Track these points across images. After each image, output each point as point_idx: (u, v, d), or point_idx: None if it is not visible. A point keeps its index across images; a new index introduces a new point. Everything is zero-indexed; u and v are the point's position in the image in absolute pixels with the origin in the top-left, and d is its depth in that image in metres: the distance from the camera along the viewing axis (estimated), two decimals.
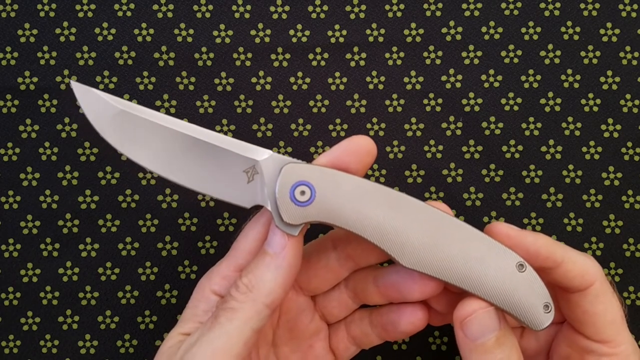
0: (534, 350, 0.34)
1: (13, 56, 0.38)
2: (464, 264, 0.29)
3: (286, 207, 0.29)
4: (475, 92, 0.39)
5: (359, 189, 0.29)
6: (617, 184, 0.38)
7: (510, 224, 0.31)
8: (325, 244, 0.34)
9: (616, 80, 0.38)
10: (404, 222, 0.29)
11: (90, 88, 0.30)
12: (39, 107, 0.38)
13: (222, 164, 0.30)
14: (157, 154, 0.30)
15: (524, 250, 0.30)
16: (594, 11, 0.38)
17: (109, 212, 0.38)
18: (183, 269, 0.38)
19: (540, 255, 0.30)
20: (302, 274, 0.34)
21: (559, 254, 0.30)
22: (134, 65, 0.38)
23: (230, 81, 0.39)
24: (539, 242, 0.30)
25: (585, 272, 0.30)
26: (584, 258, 0.31)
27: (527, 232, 0.31)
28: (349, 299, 0.34)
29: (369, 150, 0.30)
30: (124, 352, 0.38)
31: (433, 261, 0.29)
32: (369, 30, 0.39)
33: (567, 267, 0.30)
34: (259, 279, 0.29)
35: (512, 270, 0.29)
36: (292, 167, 0.29)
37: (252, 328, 0.29)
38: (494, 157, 0.39)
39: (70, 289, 0.38)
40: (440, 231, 0.29)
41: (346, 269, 0.33)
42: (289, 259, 0.29)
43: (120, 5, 0.38)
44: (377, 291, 0.33)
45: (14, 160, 0.38)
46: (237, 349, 0.28)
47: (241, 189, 0.30)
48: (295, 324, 0.34)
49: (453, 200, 0.38)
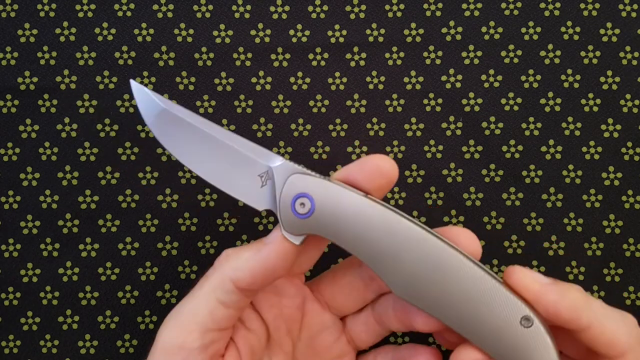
0: None
1: (13, 56, 0.38)
2: (461, 307, 0.27)
3: (287, 216, 0.29)
4: (475, 92, 0.39)
5: (359, 208, 0.28)
6: (617, 184, 0.38)
7: (535, 272, 0.28)
8: (352, 261, 0.33)
9: (616, 80, 0.38)
10: (399, 250, 0.28)
11: (142, 87, 0.32)
12: (39, 107, 0.38)
13: (240, 166, 0.31)
14: (189, 150, 0.32)
15: (543, 309, 0.27)
16: (594, 11, 0.38)
17: (109, 212, 0.38)
18: (183, 269, 0.38)
19: (561, 318, 0.27)
20: (327, 288, 0.33)
21: (585, 318, 0.27)
22: (133, 65, 0.38)
23: (230, 81, 0.39)
24: (562, 304, 0.27)
25: (615, 342, 0.27)
26: (615, 325, 0.27)
27: (550, 288, 0.27)
28: (375, 324, 0.33)
29: (384, 173, 0.29)
30: (124, 352, 0.38)
31: (426, 296, 0.28)
32: (369, 30, 0.39)
33: (593, 334, 0.27)
34: (237, 254, 0.30)
35: (516, 324, 0.26)
36: (297, 178, 0.29)
37: (217, 298, 0.29)
38: (494, 157, 0.39)
39: (70, 289, 0.38)
40: (439, 266, 0.27)
41: (371, 291, 0.33)
42: (270, 252, 0.29)
43: (120, 5, 0.38)
44: (394, 315, 0.32)
45: (14, 160, 0.38)
46: (201, 315, 0.29)
47: (255, 191, 0.31)
48: (318, 342, 0.33)
49: (453, 201, 0.38)
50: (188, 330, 0.29)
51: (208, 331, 0.29)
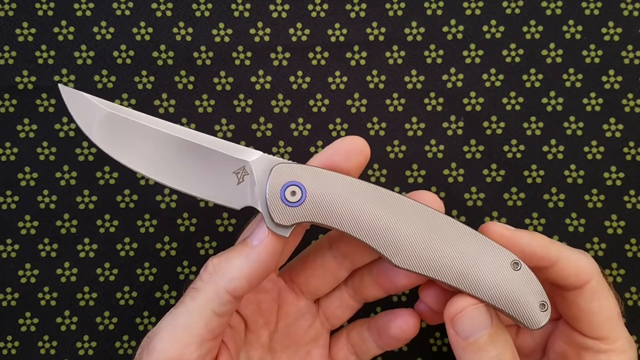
0: (530, 348, 0.34)
1: (11, 55, 0.38)
2: (458, 263, 0.29)
3: (277, 207, 0.29)
4: (476, 91, 0.38)
5: (350, 188, 0.29)
6: (619, 184, 0.38)
7: (504, 224, 0.31)
8: (322, 243, 0.34)
9: (618, 80, 0.38)
10: (395, 221, 0.29)
11: (78, 91, 0.29)
12: (37, 107, 0.38)
13: (211, 165, 0.29)
14: (147, 156, 0.29)
15: (519, 250, 0.30)
16: (595, 10, 0.38)
17: (108, 213, 0.38)
18: (182, 269, 0.38)
19: (536, 255, 0.30)
20: (300, 274, 0.34)
21: (554, 253, 0.30)
22: (132, 64, 0.38)
23: (229, 80, 0.38)
24: (534, 242, 0.30)
25: (581, 270, 0.30)
26: (579, 256, 0.30)
27: (522, 232, 0.30)
28: (349, 298, 0.34)
29: (361, 150, 0.30)
30: (122, 353, 0.38)
31: (426, 260, 0.29)
32: (370, 29, 0.38)
33: (562, 266, 0.30)
34: (227, 263, 0.29)
35: (507, 268, 0.29)
36: (282, 167, 0.29)
37: (213, 310, 0.29)
38: (495, 156, 0.38)
39: (68, 290, 0.38)
40: (433, 229, 0.29)
41: (344, 269, 0.33)
42: (261, 254, 0.29)
43: (119, 4, 0.38)
44: (372, 281, 0.33)
45: (12, 160, 0.38)
46: (197, 328, 0.29)
47: (231, 190, 0.30)
48: (294, 329, 0.34)
49: (454, 200, 0.38)
50: (185, 344, 0.28)
51: (205, 342, 0.29)
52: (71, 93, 0.29)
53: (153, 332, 0.29)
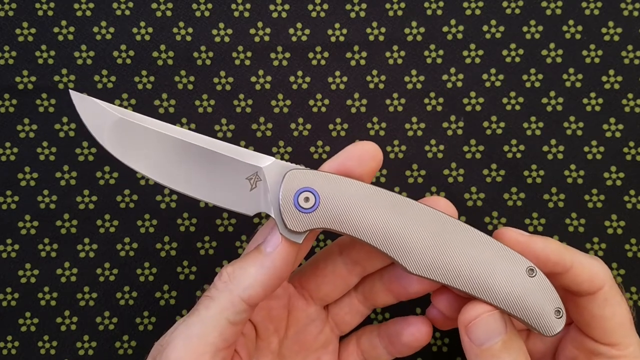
0: (540, 353, 0.34)
1: (11, 55, 0.38)
2: (472, 269, 0.29)
3: (290, 213, 0.29)
4: (476, 91, 0.38)
5: (363, 194, 0.29)
6: (619, 184, 0.38)
7: (518, 229, 0.31)
8: (332, 250, 0.33)
9: (618, 80, 0.38)
10: (409, 227, 0.29)
11: (89, 97, 0.29)
12: (37, 107, 0.38)
13: (224, 171, 0.29)
14: (158, 162, 0.29)
15: (534, 256, 0.29)
16: (595, 10, 0.38)
17: (108, 213, 0.38)
18: (182, 269, 0.38)
19: (550, 261, 0.30)
20: (311, 281, 0.33)
21: (568, 258, 0.30)
22: (132, 64, 0.38)
23: (229, 80, 0.38)
24: (548, 248, 0.30)
25: (594, 276, 0.30)
26: (592, 262, 0.30)
27: (536, 238, 0.30)
28: (359, 304, 0.34)
29: (373, 155, 0.30)
30: (122, 353, 0.38)
31: (439, 266, 0.29)
32: (370, 29, 0.38)
33: (576, 272, 0.30)
34: (242, 271, 0.29)
35: (523, 275, 0.29)
36: (295, 174, 0.29)
37: (228, 319, 0.29)
38: (496, 157, 0.38)
39: (68, 290, 0.38)
40: (446, 235, 0.29)
41: (354, 275, 0.33)
42: (276, 261, 0.29)
43: (119, 4, 0.38)
44: (383, 288, 0.33)
45: (12, 160, 0.38)
46: (212, 337, 0.28)
47: (244, 196, 0.29)
48: (303, 336, 0.34)
49: (454, 201, 0.38)
50: (199, 353, 0.28)
51: (219, 351, 0.29)
52: (82, 99, 0.29)
53: (165, 341, 0.29)
